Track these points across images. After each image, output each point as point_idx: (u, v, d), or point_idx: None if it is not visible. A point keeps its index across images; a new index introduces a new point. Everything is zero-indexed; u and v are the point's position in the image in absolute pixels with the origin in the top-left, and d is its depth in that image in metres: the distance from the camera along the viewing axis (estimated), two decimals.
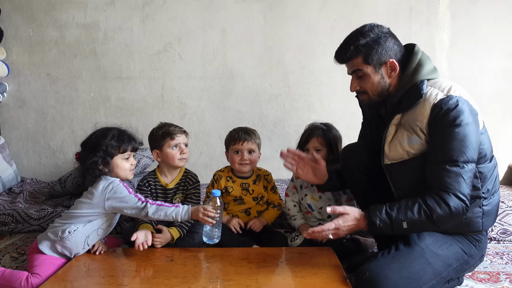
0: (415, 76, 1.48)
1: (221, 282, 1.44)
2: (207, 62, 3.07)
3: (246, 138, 1.95)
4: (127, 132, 1.74)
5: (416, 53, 1.52)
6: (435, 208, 1.37)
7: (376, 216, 1.43)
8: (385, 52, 1.50)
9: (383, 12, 2.94)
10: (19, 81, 3.12)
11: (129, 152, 1.71)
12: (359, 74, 1.53)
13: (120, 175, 1.71)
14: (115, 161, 1.68)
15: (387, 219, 1.41)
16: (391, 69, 1.51)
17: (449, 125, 1.39)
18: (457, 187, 1.37)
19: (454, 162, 1.38)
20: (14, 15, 3.07)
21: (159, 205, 1.63)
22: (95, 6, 3.05)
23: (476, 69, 2.93)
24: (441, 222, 1.40)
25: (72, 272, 1.54)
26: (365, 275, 1.37)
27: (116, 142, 1.67)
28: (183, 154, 1.92)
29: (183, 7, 3.03)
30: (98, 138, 1.67)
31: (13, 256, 1.96)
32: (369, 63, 1.50)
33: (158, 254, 1.71)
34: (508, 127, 2.96)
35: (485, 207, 1.49)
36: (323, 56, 2.97)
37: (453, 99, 1.40)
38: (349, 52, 1.51)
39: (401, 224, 1.40)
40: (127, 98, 3.12)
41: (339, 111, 2.99)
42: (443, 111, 1.39)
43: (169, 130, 1.93)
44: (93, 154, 1.64)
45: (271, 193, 2.05)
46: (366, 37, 1.49)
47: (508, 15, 2.88)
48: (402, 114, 1.52)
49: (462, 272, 1.54)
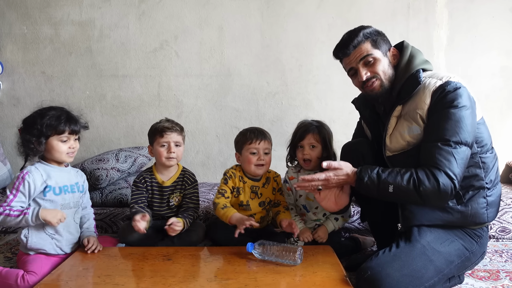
0: (409, 66, 1.53)
1: (219, 281, 1.43)
2: (204, 60, 3.04)
3: (263, 138, 1.86)
4: (69, 113, 1.69)
5: (407, 47, 1.60)
6: (424, 180, 1.38)
7: (366, 173, 1.46)
8: (387, 41, 1.58)
9: (381, 9, 2.93)
10: (13, 79, 3.08)
11: (66, 134, 1.65)
12: (369, 59, 1.54)
13: (56, 157, 1.67)
14: (51, 142, 1.63)
15: (375, 178, 1.44)
16: (393, 56, 1.58)
17: (447, 106, 1.41)
18: (448, 164, 1.38)
19: (446, 141, 1.39)
20: (8, 12, 3.03)
21: (8, 214, 1.55)
22: (91, 3, 3.01)
23: (474, 67, 2.92)
24: (426, 196, 1.39)
25: (67, 272, 1.52)
26: (367, 273, 1.36)
27: (53, 122, 1.62)
28: (170, 153, 1.87)
29: (179, 5, 3.00)
30: (36, 117, 1.63)
31: (7, 256, 1.93)
32: (377, 48, 1.55)
33: (155, 253, 1.68)
34: (505, 125, 2.95)
35: (489, 198, 1.50)
36: (321, 54, 2.95)
37: (452, 84, 1.44)
38: (359, 38, 1.55)
39: (387, 187, 1.41)
40: (123, 96, 3.09)
41: (336, 109, 2.98)
42: (442, 93, 1.43)
43: (160, 127, 1.89)
44: (28, 132, 1.62)
45: (278, 194, 1.98)
46: (367, 28, 1.57)
47: (505, 12, 2.88)
48: (402, 106, 1.54)
49: (464, 269, 1.53)
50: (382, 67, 1.55)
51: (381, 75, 1.55)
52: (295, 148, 1.95)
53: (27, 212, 1.56)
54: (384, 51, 1.56)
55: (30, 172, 1.61)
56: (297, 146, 1.93)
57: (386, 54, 1.57)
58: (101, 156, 2.60)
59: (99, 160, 2.52)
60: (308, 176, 1.51)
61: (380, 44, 1.55)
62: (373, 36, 1.55)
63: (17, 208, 1.57)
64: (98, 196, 2.38)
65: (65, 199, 1.69)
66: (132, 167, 2.66)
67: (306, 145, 1.89)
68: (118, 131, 3.11)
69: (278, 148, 3.04)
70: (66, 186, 1.70)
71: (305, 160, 1.90)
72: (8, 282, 1.51)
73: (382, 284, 1.32)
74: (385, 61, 1.56)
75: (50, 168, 1.67)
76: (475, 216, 1.48)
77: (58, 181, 1.67)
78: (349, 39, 1.56)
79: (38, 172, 1.63)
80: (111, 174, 2.45)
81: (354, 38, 1.54)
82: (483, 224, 1.51)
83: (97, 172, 2.38)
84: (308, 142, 1.89)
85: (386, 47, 1.57)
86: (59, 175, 1.69)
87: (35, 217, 1.55)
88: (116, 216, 2.25)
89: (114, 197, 2.37)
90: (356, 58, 1.56)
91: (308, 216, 1.94)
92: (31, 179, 1.60)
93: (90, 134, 3.11)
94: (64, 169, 1.73)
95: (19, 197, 1.58)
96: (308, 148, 1.89)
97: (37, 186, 1.61)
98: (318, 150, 1.88)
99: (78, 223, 1.77)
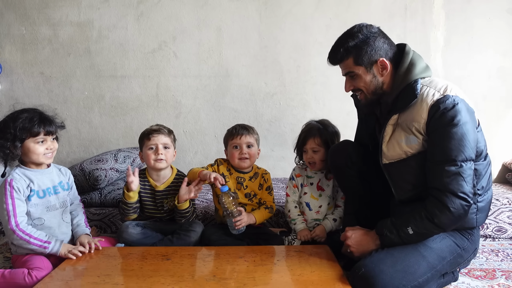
0: (408, 76, 1.50)
1: (218, 280, 1.44)
2: (202, 61, 3.05)
3: (244, 133, 1.95)
4: (43, 114, 1.68)
5: (408, 53, 1.53)
6: (435, 212, 1.40)
7: (382, 226, 1.49)
8: (374, 52, 1.51)
9: (378, 10, 2.94)
10: (12, 80, 3.08)
11: (42, 135, 1.65)
12: (351, 75, 1.56)
13: (33, 159, 1.66)
14: (27, 145, 1.63)
15: (392, 228, 1.46)
16: (382, 67, 1.52)
17: (447, 124, 1.40)
18: (456, 186, 1.38)
19: (452, 161, 1.39)
20: (6, 13, 3.03)
21: (27, 241, 1.58)
22: (89, 4, 3.02)
23: (471, 68, 2.94)
24: (444, 225, 1.41)
25: (67, 272, 1.53)
26: (361, 271, 1.39)
27: (27, 125, 1.61)
28: (158, 155, 1.87)
29: (178, 5, 3.01)
30: (8, 121, 1.63)
31: (6, 256, 1.94)
32: (359, 64, 1.52)
33: (154, 253, 1.69)
34: (502, 125, 2.97)
35: (479, 204, 1.51)
36: (319, 55, 2.96)
37: (449, 99, 1.41)
38: (339, 55, 1.54)
39: (407, 230, 1.43)
40: (122, 97, 3.09)
41: (334, 110, 2.99)
42: (440, 111, 1.40)
43: (147, 130, 1.90)
44: (2, 137, 1.61)
45: (266, 193, 2.02)
46: (354, 38, 1.51)
47: (502, 13, 2.90)
48: (399, 114, 1.53)
49: (457, 265, 1.55)
50: (363, 82, 1.54)
51: (363, 89, 1.56)
52: (300, 152, 2.00)
53: (47, 247, 1.59)
54: (368, 65, 1.51)
55: (14, 178, 1.62)
56: (302, 151, 1.98)
57: (371, 68, 1.52)
58: (100, 157, 2.60)
59: (98, 160, 2.53)
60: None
61: (363, 59, 1.51)
62: (357, 50, 1.51)
63: (37, 237, 1.59)
64: (97, 196, 2.39)
65: (50, 201, 1.70)
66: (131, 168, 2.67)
67: (309, 149, 1.93)
68: (116, 131, 3.12)
69: (276, 148, 3.07)
70: (49, 188, 1.71)
71: (310, 163, 1.95)
72: (16, 282, 1.51)
73: (376, 281, 1.35)
74: (367, 77, 1.53)
75: (30, 172, 1.68)
76: (465, 221, 1.49)
77: (41, 184, 1.68)
78: (333, 53, 1.56)
79: (20, 178, 1.64)
80: (110, 174, 2.45)
81: (337, 54, 1.54)
82: (472, 228, 1.54)
83: (96, 172, 2.39)
84: (310, 146, 1.92)
85: (372, 59, 1.51)
86: (40, 178, 1.69)
87: (51, 253, 1.61)
88: (115, 216, 2.26)
89: (113, 198, 2.37)
90: (342, 71, 1.59)
91: (309, 214, 1.96)
92: (19, 184, 1.62)
93: (89, 135, 3.12)
94: (44, 171, 1.73)
95: (18, 204, 1.60)
96: (311, 152, 1.92)
97: (24, 191, 1.63)
98: (321, 153, 1.92)
99: (68, 222, 1.78)
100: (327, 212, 1.97)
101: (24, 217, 1.62)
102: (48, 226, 1.68)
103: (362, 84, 1.55)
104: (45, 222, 1.68)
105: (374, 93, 1.56)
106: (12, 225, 1.57)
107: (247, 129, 1.98)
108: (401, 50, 1.56)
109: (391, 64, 1.53)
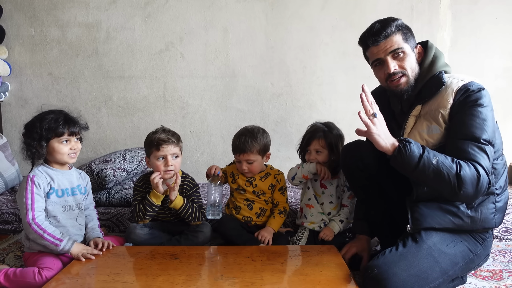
0: (433, 67, 1.53)
1: (226, 279, 1.45)
2: (209, 62, 3.07)
3: (243, 151, 1.90)
4: (68, 115, 1.74)
5: (431, 47, 1.58)
6: (464, 166, 1.36)
7: (409, 140, 1.40)
8: (414, 38, 1.56)
9: (385, 11, 2.92)
10: (21, 81, 3.12)
11: (66, 136, 1.70)
12: (399, 53, 1.52)
13: (58, 159, 1.71)
14: (52, 145, 1.68)
15: (421, 146, 1.39)
16: (419, 54, 1.57)
17: (472, 104, 1.41)
18: (483, 160, 1.37)
19: (476, 138, 1.39)
20: (16, 14, 3.07)
21: (41, 235, 1.60)
22: (97, 6, 3.05)
23: (477, 68, 2.93)
24: (464, 182, 1.35)
25: (77, 270, 1.55)
26: (373, 272, 1.37)
27: (52, 125, 1.67)
28: (168, 166, 1.85)
29: (185, 7, 3.04)
30: (35, 121, 1.69)
31: (16, 255, 1.96)
32: (407, 42, 1.53)
33: (162, 252, 1.71)
34: (509, 126, 2.96)
35: (498, 204, 1.51)
36: (325, 55, 2.97)
37: (475, 84, 1.44)
38: (391, 27, 1.51)
39: (432, 157, 1.36)
40: (129, 98, 3.12)
41: (340, 110, 3.00)
42: (467, 92, 1.43)
43: (156, 140, 1.84)
44: (29, 136, 1.67)
45: (279, 193, 2.02)
46: (399, 20, 1.54)
47: (508, 14, 2.89)
48: (422, 106, 1.53)
49: (468, 270, 1.55)
50: (410, 63, 1.53)
51: (408, 71, 1.53)
52: (303, 152, 2.01)
53: (58, 245, 1.61)
54: (412, 46, 1.54)
55: (36, 175, 1.67)
56: (305, 151, 1.99)
57: (414, 50, 1.55)
58: (108, 157, 2.63)
59: (106, 160, 2.56)
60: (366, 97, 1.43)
61: (410, 39, 1.53)
62: (404, 29, 1.53)
63: (51, 233, 1.61)
64: (105, 196, 2.41)
65: (67, 202, 1.73)
66: (138, 168, 2.70)
67: (312, 150, 1.94)
68: (124, 131, 3.14)
69: (282, 148, 3.08)
70: (67, 189, 1.74)
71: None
72: (27, 281, 1.54)
73: (388, 283, 1.32)
74: (413, 57, 1.54)
75: (52, 171, 1.72)
76: (484, 221, 1.49)
77: (60, 184, 1.72)
78: (381, 27, 1.51)
79: (42, 175, 1.68)
80: (118, 174, 2.48)
81: (387, 28, 1.50)
82: (491, 229, 1.53)
83: (104, 172, 2.41)
84: (314, 148, 1.93)
85: (413, 43, 1.55)
86: (61, 178, 1.73)
87: (62, 251, 1.63)
88: (123, 216, 2.28)
89: (121, 197, 2.40)
90: (386, 49, 1.52)
91: (316, 208, 1.98)
92: (40, 180, 1.66)
93: (97, 135, 3.15)
94: (66, 172, 1.77)
95: (37, 199, 1.63)
96: (314, 153, 1.94)
97: (44, 187, 1.67)
98: (324, 155, 1.93)
99: (82, 224, 1.80)
100: (332, 212, 1.97)
101: (42, 212, 1.65)
102: (63, 225, 1.71)
103: (409, 65, 1.52)
104: (60, 221, 1.71)
105: (415, 78, 1.54)
106: (29, 218, 1.60)
107: (246, 145, 1.88)
108: (424, 45, 1.60)
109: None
